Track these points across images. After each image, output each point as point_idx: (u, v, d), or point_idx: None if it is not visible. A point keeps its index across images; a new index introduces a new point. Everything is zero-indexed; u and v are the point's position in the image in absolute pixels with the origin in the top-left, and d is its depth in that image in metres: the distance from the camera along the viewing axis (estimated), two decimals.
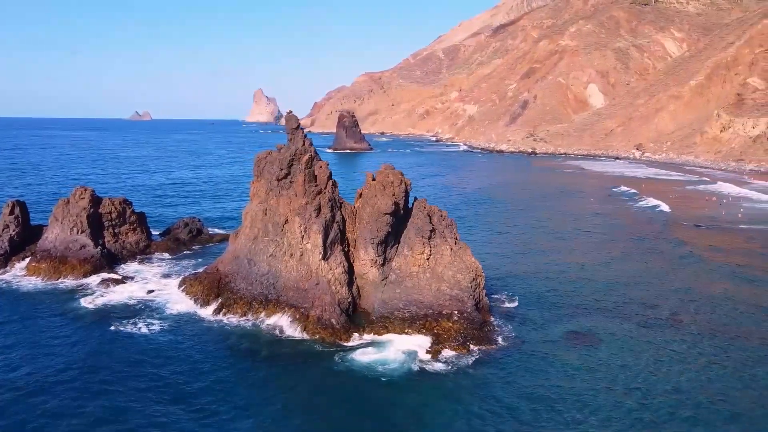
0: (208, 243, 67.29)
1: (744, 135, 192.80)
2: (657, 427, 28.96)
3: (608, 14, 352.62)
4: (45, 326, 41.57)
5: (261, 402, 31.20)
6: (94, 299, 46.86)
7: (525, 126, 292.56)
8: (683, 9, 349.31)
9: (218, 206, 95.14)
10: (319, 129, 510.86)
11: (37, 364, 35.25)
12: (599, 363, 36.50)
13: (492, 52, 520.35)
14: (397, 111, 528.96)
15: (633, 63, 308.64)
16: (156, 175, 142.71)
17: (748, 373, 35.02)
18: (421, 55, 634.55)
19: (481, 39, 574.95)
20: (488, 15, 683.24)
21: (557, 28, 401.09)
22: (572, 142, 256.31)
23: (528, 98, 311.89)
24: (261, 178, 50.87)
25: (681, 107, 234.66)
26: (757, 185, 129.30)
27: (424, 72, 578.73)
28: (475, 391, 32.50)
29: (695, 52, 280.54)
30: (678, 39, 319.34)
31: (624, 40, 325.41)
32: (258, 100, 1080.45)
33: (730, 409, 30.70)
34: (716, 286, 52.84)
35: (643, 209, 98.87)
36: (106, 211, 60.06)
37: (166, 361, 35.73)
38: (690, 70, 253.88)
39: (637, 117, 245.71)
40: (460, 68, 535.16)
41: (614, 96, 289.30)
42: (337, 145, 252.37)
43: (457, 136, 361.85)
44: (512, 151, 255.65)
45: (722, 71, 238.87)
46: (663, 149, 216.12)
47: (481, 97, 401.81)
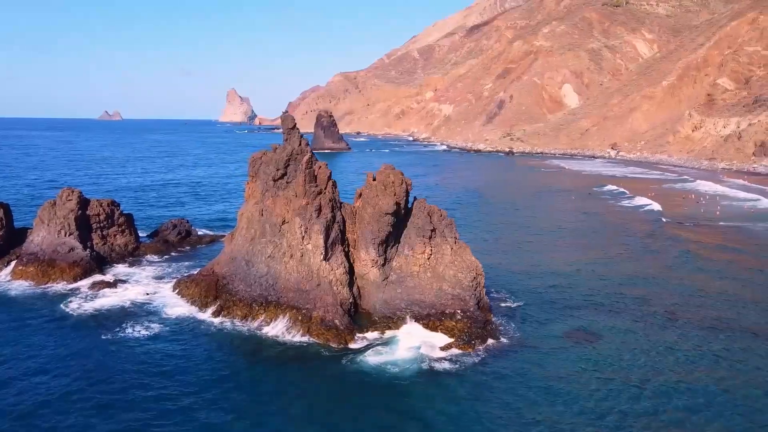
0: (198, 245, 66.42)
1: (715, 134, 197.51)
2: (668, 417, 29.46)
3: (581, 15, 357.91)
4: (38, 331, 40.38)
5: (275, 408, 30.70)
6: (87, 303, 45.80)
7: (501, 126, 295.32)
8: (653, 11, 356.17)
9: (203, 207, 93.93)
10: None
11: (31, 372, 34.10)
12: (603, 359, 36.95)
13: (467, 53, 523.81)
14: (372, 111, 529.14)
15: (606, 63, 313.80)
16: (135, 176, 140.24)
17: (747, 364, 35.86)
18: (395, 55, 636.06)
19: (456, 39, 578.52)
20: (462, 15, 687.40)
21: (531, 28, 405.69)
22: (549, 142, 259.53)
23: (504, 98, 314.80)
24: (256, 179, 50.38)
25: (654, 107, 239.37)
26: (731, 183, 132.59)
27: (399, 72, 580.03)
28: (487, 389, 32.64)
29: (666, 53, 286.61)
30: (649, 40, 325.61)
31: (597, 41, 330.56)
32: (231, 99, 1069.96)
33: (734, 399, 31.38)
34: (705, 281, 53.98)
35: (633, 208, 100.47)
36: (95, 212, 58.81)
37: (170, 369, 34.76)
38: (662, 71, 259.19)
39: (612, 117, 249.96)
40: (435, 68, 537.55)
41: (588, 96, 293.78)
42: (315, 145, 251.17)
43: (434, 136, 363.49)
44: (490, 150, 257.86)
45: (693, 72, 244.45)
46: (637, 148, 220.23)
47: (456, 97, 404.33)
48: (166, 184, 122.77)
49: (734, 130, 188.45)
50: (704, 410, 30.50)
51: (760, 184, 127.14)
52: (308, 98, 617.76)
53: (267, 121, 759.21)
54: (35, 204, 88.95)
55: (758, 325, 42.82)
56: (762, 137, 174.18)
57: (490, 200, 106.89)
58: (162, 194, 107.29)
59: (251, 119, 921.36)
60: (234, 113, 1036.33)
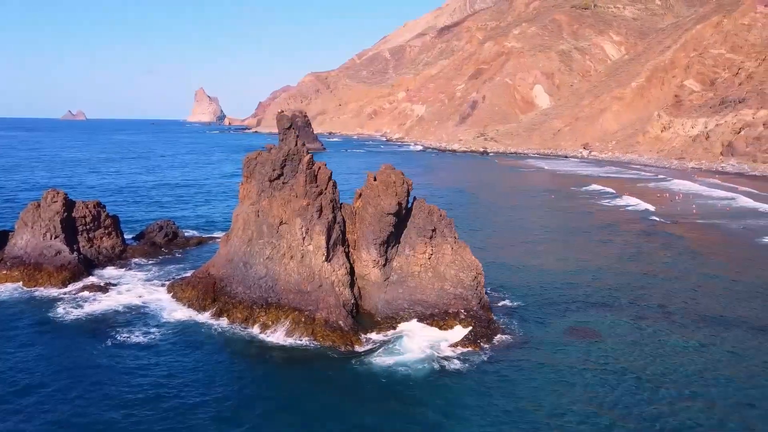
0: (186, 246, 65.29)
1: (684, 135, 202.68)
2: (669, 407, 30.09)
3: (550, 17, 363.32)
4: (31, 338, 39.12)
5: (291, 412, 30.32)
6: (80, 308, 44.55)
7: (475, 126, 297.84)
8: (620, 13, 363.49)
9: (186, 209, 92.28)
10: (266, 129, 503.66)
11: (27, 382, 32.81)
12: (606, 354, 37.53)
13: (438, 53, 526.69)
14: (344, 111, 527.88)
15: (576, 65, 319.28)
16: (109, 177, 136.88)
17: (740, 355, 36.93)
18: (366, 55, 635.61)
19: (427, 40, 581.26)
20: (432, 16, 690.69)
21: (501, 30, 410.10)
22: (522, 142, 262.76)
23: (477, 98, 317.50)
24: (251, 179, 49.82)
25: (623, 108, 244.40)
26: (704, 182, 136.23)
27: (371, 72, 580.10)
28: (499, 387, 32.81)
29: (634, 55, 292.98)
30: (616, 42, 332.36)
31: (566, 43, 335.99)
32: (200, 99, 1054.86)
33: (735, 388, 32.26)
34: (697, 277, 55.43)
35: (620, 206, 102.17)
36: (80, 215, 57.33)
37: (174, 375, 33.83)
38: (631, 73, 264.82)
39: (583, 117, 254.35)
40: (407, 68, 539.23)
41: (559, 97, 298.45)
42: None
43: (408, 136, 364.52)
44: (464, 150, 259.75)
45: (660, 74, 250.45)
46: (609, 148, 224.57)
47: (429, 97, 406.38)
48: (145, 186, 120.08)
49: (702, 131, 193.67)
50: (704, 400, 31.30)
51: (731, 183, 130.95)
52: (279, 98, 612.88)
53: (237, 122, 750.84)
54: (8, 207, 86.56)
55: (749, 319, 44.02)
56: (729, 137, 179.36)
57: (477, 200, 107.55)
58: (142, 196, 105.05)
59: (220, 119, 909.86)
60: (203, 113, 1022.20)
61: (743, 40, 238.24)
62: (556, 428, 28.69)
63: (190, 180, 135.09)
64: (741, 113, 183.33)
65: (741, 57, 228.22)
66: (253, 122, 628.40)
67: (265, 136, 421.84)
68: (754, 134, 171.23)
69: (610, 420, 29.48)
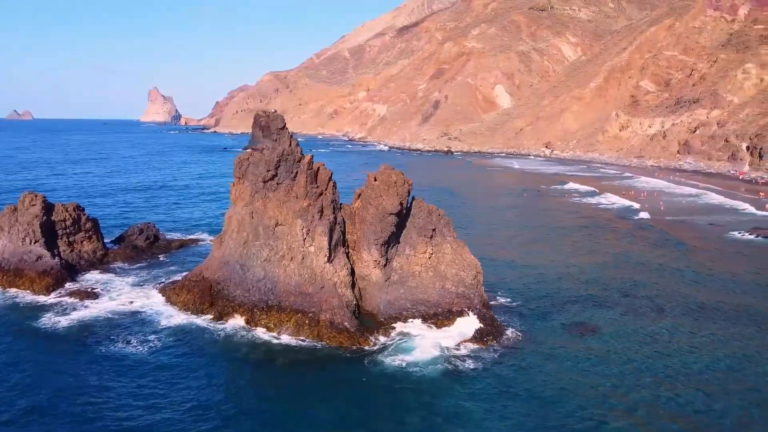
0: (168, 249, 63.61)
1: (642, 134, 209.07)
2: (669, 395, 31.09)
3: (509, 18, 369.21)
4: (20, 350, 37.17)
5: (309, 418, 29.92)
6: (70, 315, 42.86)
7: (438, 125, 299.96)
8: (576, 15, 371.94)
9: (159, 211, 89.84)
10: (225, 129, 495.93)
11: (23, 399, 31.21)
12: (606, 348, 38.49)
13: (398, 53, 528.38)
14: (305, 111, 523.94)
15: (535, 65, 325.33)
16: (73, 179, 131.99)
17: (729, 341, 38.50)
18: (325, 54, 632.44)
19: (386, 39, 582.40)
20: (390, 16, 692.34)
21: (460, 30, 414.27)
22: (485, 141, 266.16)
23: (439, 98, 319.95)
24: (244, 180, 48.95)
25: (583, 108, 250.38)
26: (667, 180, 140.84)
27: (331, 72, 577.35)
28: (510, 383, 33.18)
29: (591, 56, 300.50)
30: (573, 43, 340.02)
31: (525, 44, 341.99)
32: (153, 99, 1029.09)
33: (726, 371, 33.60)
34: (674, 270, 57.31)
35: (601, 204, 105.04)
36: (60, 218, 55.23)
37: (179, 383, 32.85)
38: (589, 74, 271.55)
39: (544, 117, 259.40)
40: (367, 68, 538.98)
41: (520, 97, 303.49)
42: (253, 145, 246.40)
43: (370, 136, 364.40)
44: (428, 150, 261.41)
45: (617, 74, 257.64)
46: (570, 147, 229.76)
47: (390, 96, 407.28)
48: (114, 188, 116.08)
49: (659, 130, 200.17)
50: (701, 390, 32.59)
51: (692, 180, 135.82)
52: (237, 98, 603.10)
53: (193, 121, 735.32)
54: None
55: (738, 312, 45.78)
56: (685, 136, 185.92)
57: (461, 200, 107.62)
58: (112, 198, 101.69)
59: (176, 119, 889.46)
60: (157, 113, 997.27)
61: (694, 42, 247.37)
62: (574, 424, 29.22)
63: (159, 181, 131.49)
64: (696, 113, 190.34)
65: (693, 59, 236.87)
66: (211, 122, 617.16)
67: (225, 136, 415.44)
68: (708, 133, 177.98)
69: (622, 412, 30.22)
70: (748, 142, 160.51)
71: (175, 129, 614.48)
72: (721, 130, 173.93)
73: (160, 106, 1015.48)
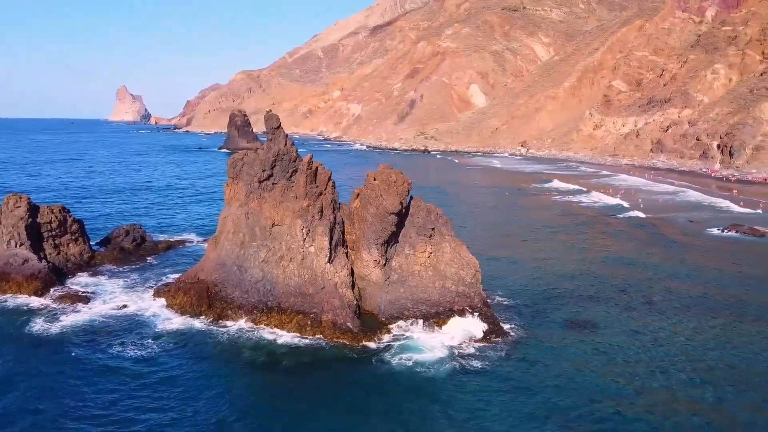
0: (155, 251, 62.45)
1: (615, 133, 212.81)
2: (667, 383, 31.77)
3: (483, 18, 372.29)
4: (13, 356, 36.09)
5: (318, 423, 29.66)
6: (62, 320, 41.69)
7: (414, 124, 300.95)
8: (548, 16, 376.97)
9: (141, 212, 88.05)
10: (197, 128, 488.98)
11: (18, 406, 30.31)
12: (608, 344, 39.11)
13: (372, 52, 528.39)
14: (278, 110, 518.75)
15: (508, 65, 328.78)
16: (47, 180, 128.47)
17: (719, 332, 39.61)
18: (298, 53, 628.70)
19: (360, 39, 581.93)
20: (363, 15, 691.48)
21: (434, 30, 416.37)
22: (461, 140, 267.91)
23: (415, 97, 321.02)
24: (238, 180, 48.40)
25: (557, 107, 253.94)
26: (643, 177, 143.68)
27: (304, 71, 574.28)
28: (520, 381, 33.36)
29: (564, 56, 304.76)
30: (545, 44, 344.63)
31: (499, 44, 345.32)
32: (122, 98, 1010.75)
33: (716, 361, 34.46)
34: (661, 265, 58.47)
35: (583, 201, 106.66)
36: (46, 220, 53.81)
37: (184, 389, 32.07)
38: (562, 73, 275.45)
39: (519, 116, 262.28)
40: (341, 67, 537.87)
41: (494, 96, 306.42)
42: (229, 145, 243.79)
43: (346, 135, 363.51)
44: (405, 149, 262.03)
45: (590, 74, 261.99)
46: (545, 146, 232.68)
47: (364, 96, 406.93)
48: (92, 189, 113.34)
49: (632, 129, 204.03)
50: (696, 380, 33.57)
51: (668, 178, 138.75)
52: (209, 97, 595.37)
53: (164, 121, 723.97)
54: None
55: (724, 304, 46.95)
56: (658, 135, 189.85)
57: (448, 199, 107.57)
58: (92, 199, 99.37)
59: (145, 118, 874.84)
60: (126, 112, 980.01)
61: (664, 43, 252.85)
62: (586, 417, 29.57)
63: (139, 182, 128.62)
64: (667, 112, 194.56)
65: (663, 59, 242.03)
66: (183, 121, 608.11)
67: (200, 135, 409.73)
68: (680, 132, 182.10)
69: (629, 404, 30.72)
70: (718, 140, 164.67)
71: (146, 128, 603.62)
72: (693, 129, 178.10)
73: (129, 105, 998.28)
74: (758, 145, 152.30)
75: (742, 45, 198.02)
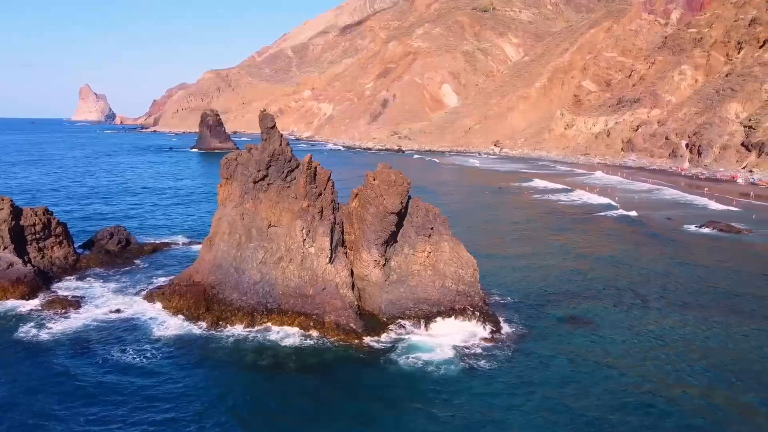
0: (141, 254, 61.04)
1: (587, 132, 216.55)
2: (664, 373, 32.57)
3: (453, 19, 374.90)
4: (4, 364, 35.10)
5: (332, 426, 29.45)
6: (53, 326, 40.29)
7: (387, 124, 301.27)
8: (517, 17, 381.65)
9: (120, 214, 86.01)
10: (165, 128, 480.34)
11: (12, 418, 29.35)
12: (608, 340, 39.88)
13: (342, 52, 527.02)
14: (249, 110, 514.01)
15: (479, 65, 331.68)
16: (13, 181, 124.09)
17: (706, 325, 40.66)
18: (267, 53, 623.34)
19: (330, 38, 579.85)
20: (332, 15, 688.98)
21: (405, 30, 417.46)
22: (435, 140, 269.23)
23: (387, 97, 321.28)
24: (233, 181, 47.71)
25: (529, 107, 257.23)
26: (617, 176, 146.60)
27: (274, 70, 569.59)
28: (529, 378, 33.66)
29: (534, 57, 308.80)
30: (515, 44, 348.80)
31: (470, 44, 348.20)
32: (85, 97, 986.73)
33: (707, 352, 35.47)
34: (647, 262, 59.76)
35: (568, 199, 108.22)
36: (29, 223, 52.19)
37: (189, 396, 31.27)
38: (533, 74, 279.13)
39: (492, 116, 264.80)
40: (311, 67, 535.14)
41: (466, 96, 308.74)
42: (201, 145, 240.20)
43: (318, 135, 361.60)
44: (379, 148, 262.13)
45: (560, 75, 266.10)
46: (518, 145, 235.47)
47: (336, 95, 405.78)
48: (65, 192, 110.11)
49: (603, 128, 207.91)
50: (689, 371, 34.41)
51: (642, 176, 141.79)
52: (176, 96, 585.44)
53: (130, 121, 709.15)
54: None
55: (709, 296, 48.24)
56: (628, 135, 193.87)
57: (435, 200, 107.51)
58: (67, 203, 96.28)
59: (110, 118, 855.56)
60: (89, 111, 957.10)
61: (631, 44, 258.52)
62: (596, 412, 30.01)
63: (114, 183, 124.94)
64: (637, 112, 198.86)
65: (631, 60, 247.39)
66: (150, 121, 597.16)
67: (170, 136, 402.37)
68: (650, 131, 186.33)
69: (636, 397, 31.32)
70: (687, 139, 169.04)
71: (112, 128, 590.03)
72: (662, 129, 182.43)
73: (93, 105, 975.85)
74: (725, 144, 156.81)
75: (707, 47, 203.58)
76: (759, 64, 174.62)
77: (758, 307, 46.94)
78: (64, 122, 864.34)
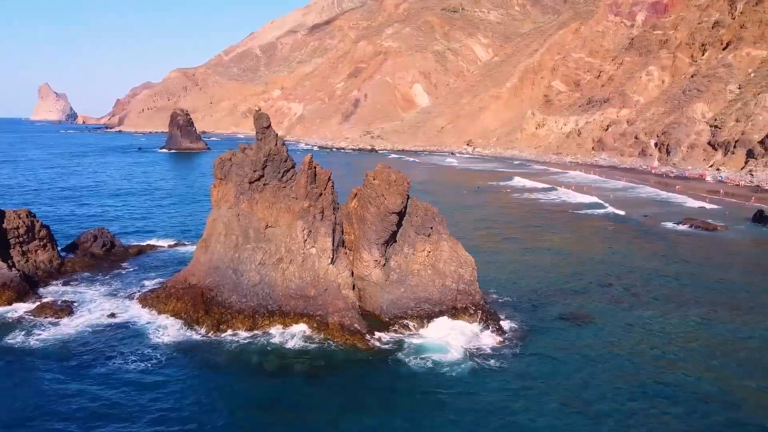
0: (127, 256, 59.59)
1: (558, 131, 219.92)
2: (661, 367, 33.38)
3: (423, 19, 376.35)
4: (6, 372, 33.91)
5: (343, 423, 29.26)
6: (45, 333, 38.93)
7: (359, 124, 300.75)
8: (486, 17, 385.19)
9: (98, 217, 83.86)
10: (131, 128, 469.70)
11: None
12: (608, 336, 40.52)
13: (311, 51, 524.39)
14: (217, 109, 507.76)
15: (450, 65, 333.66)
16: None
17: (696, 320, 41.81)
18: (234, 51, 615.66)
19: (299, 37, 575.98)
20: (300, 14, 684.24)
21: (374, 29, 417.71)
22: (407, 139, 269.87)
23: (359, 97, 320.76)
24: (227, 181, 46.94)
25: (501, 107, 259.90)
26: (592, 174, 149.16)
27: (242, 69, 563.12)
28: (536, 376, 33.93)
29: (504, 57, 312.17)
30: (484, 45, 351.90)
31: (440, 44, 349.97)
32: (45, 96, 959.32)
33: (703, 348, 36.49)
34: (637, 260, 61.04)
35: (549, 198, 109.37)
36: (12, 226, 50.45)
37: (199, 403, 30.62)
38: (504, 74, 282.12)
39: (464, 115, 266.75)
40: (280, 66, 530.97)
41: (437, 96, 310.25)
42: (172, 145, 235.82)
43: (289, 135, 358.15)
44: (353, 148, 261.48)
45: (531, 75, 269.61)
46: (491, 144, 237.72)
47: (306, 95, 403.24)
48: (36, 194, 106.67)
49: (574, 128, 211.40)
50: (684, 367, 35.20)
51: (617, 174, 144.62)
52: (141, 95, 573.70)
53: (93, 120, 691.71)
54: None
55: (702, 299, 49.49)
56: (598, 134, 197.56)
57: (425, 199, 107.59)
58: (40, 205, 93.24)
59: (71, 118, 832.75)
60: (49, 111, 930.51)
61: (599, 45, 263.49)
62: (605, 408, 30.48)
63: (86, 185, 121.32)
64: (607, 112, 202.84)
65: (599, 61, 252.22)
66: (114, 121, 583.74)
67: (138, 136, 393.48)
68: (619, 131, 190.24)
69: (642, 392, 31.94)
70: (655, 139, 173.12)
71: (74, 128, 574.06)
72: (631, 128, 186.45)
73: (53, 104, 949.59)
74: (692, 143, 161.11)
75: (673, 48, 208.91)
76: (723, 66, 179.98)
77: (745, 300, 48.35)
78: (22, 122, 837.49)
